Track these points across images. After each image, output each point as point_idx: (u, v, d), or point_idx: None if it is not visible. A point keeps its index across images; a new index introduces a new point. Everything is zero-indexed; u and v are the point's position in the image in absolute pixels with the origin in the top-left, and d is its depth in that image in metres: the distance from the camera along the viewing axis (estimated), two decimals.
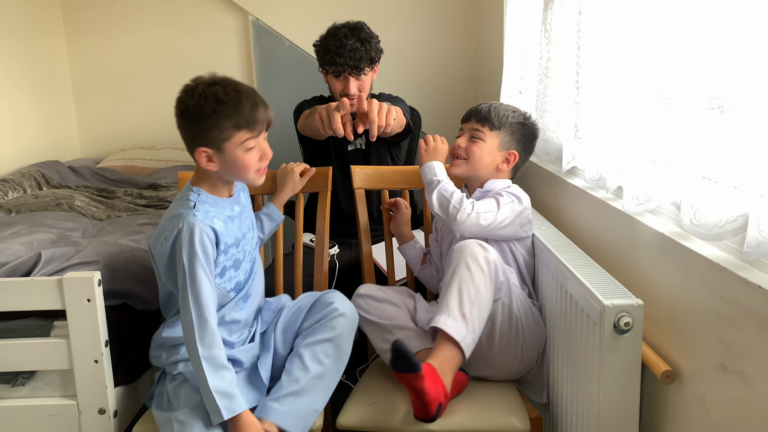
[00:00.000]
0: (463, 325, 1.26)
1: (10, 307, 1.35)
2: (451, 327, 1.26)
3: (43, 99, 2.98)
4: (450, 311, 1.27)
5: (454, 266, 1.32)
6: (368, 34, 1.91)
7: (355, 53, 1.86)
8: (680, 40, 1.10)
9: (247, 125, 1.26)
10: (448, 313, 1.27)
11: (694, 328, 1.07)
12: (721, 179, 1.02)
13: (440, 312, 1.29)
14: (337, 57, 1.86)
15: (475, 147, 1.53)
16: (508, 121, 1.53)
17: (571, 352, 1.26)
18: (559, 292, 1.32)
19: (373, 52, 1.91)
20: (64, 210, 2.08)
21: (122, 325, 1.45)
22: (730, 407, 0.98)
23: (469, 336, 1.27)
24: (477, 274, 1.29)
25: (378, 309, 1.50)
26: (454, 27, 3.14)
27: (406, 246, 1.72)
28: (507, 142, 1.53)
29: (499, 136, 1.53)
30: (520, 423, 1.31)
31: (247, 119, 1.26)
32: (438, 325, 1.27)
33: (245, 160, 1.29)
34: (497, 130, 1.53)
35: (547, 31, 1.78)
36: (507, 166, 1.54)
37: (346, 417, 1.35)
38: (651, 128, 1.22)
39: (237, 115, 1.25)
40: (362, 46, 1.87)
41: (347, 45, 1.85)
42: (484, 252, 1.32)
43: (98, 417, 1.38)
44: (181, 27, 3.19)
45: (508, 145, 1.54)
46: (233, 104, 1.25)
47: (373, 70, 1.96)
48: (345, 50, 1.85)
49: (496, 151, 1.53)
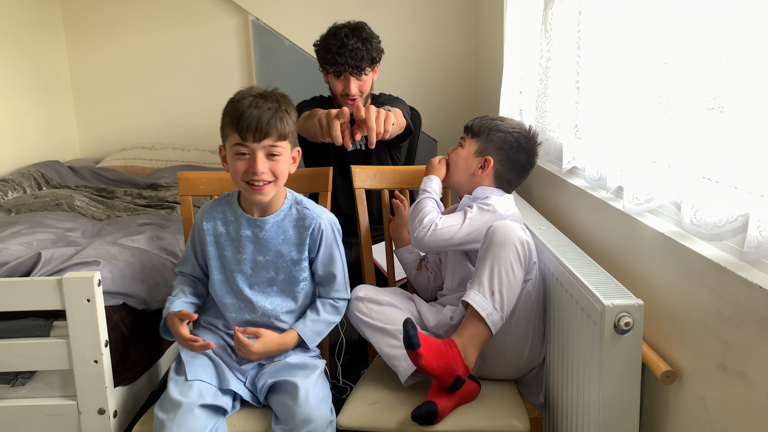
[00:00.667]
0: (490, 302, 1.29)
1: (10, 307, 1.35)
2: (480, 303, 1.29)
3: (43, 99, 2.98)
4: (481, 287, 1.30)
5: (489, 243, 1.32)
6: (369, 34, 1.91)
7: (356, 53, 1.86)
8: (680, 40, 1.10)
9: (239, 129, 1.26)
10: (478, 289, 1.30)
11: (695, 328, 1.07)
12: (721, 179, 1.02)
13: (471, 287, 1.32)
14: (338, 57, 1.86)
15: (453, 154, 1.58)
16: (488, 128, 1.53)
17: (571, 352, 1.26)
18: (559, 292, 1.32)
19: (374, 52, 1.91)
20: (63, 210, 2.08)
21: (122, 325, 1.45)
22: (730, 407, 0.98)
23: (496, 314, 1.29)
24: (512, 254, 1.30)
25: (380, 313, 1.47)
26: (454, 27, 3.14)
27: (403, 250, 1.71)
28: (484, 148, 1.53)
29: (477, 143, 1.54)
30: (520, 423, 1.31)
31: (240, 122, 1.26)
32: (467, 300, 1.30)
33: (235, 165, 1.29)
34: (476, 137, 1.54)
35: (547, 31, 1.78)
36: (482, 171, 1.53)
37: (346, 417, 1.35)
38: (651, 128, 1.22)
39: (237, 116, 1.26)
40: (363, 46, 1.87)
41: (348, 45, 1.85)
42: (521, 233, 1.32)
43: (98, 417, 1.38)
44: (181, 27, 3.19)
45: (484, 151, 1.53)
46: (240, 104, 1.27)
47: (373, 71, 1.97)
48: (346, 50, 1.85)
49: (472, 158, 1.54)
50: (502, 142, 1.52)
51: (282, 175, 1.32)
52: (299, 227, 1.40)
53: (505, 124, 1.54)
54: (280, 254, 1.40)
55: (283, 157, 1.31)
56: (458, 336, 1.31)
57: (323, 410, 1.29)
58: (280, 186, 1.36)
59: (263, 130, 1.26)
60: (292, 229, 1.40)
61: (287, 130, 1.30)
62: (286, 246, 1.40)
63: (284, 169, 1.33)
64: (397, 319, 1.44)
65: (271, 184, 1.31)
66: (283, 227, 1.40)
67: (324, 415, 1.27)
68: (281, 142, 1.30)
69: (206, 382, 1.31)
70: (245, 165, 1.28)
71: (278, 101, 1.31)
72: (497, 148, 1.52)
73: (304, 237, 1.40)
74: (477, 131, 1.54)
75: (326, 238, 1.42)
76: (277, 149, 1.29)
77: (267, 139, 1.27)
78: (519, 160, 1.53)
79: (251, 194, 1.31)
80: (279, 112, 1.28)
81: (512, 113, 2.33)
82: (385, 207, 1.76)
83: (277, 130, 1.27)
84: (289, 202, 1.42)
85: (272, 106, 1.28)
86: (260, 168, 1.27)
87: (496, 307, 1.29)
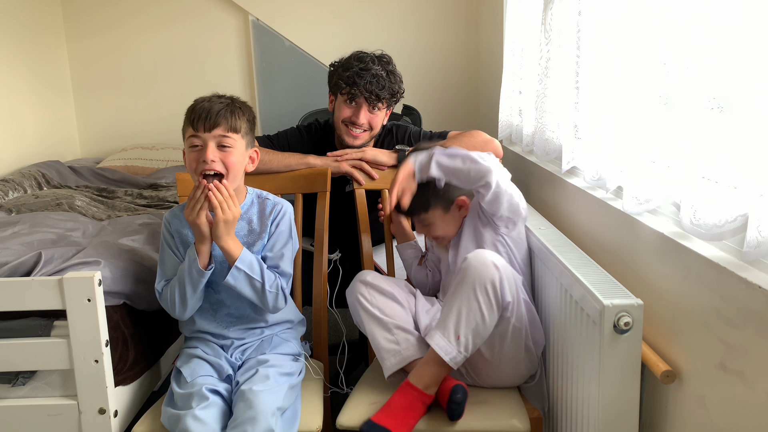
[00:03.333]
0: (455, 346, 1.29)
1: (10, 307, 1.35)
2: (444, 347, 1.29)
3: (44, 99, 2.98)
4: (446, 331, 1.29)
5: (461, 281, 1.30)
6: (395, 69, 1.83)
7: (379, 80, 1.76)
8: (680, 40, 1.10)
9: (191, 120, 1.33)
10: (443, 333, 1.30)
11: (694, 328, 1.07)
12: (721, 179, 1.02)
13: (436, 328, 1.31)
14: (358, 78, 1.75)
15: (435, 232, 1.55)
16: (432, 197, 1.51)
17: (571, 352, 1.26)
18: (559, 292, 1.32)
19: (396, 87, 1.81)
20: (64, 210, 2.08)
21: (122, 325, 1.45)
22: (730, 407, 0.98)
23: (460, 355, 1.29)
24: (482, 300, 1.28)
25: (381, 302, 1.46)
26: (454, 27, 3.14)
27: (404, 245, 1.71)
28: (446, 204, 1.52)
29: (438, 207, 1.52)
30: (521, 423, 1.31)
31: (192, 114, 1.33)
32: (431, 343, 1.30)
33: (189, 156, 1.35)
34: (432, 208, 1.52)
35: (547, 31, 1.78)
36: (465, 210, 1.54)
37: (346, 417, 1.35)
38: (651, 128, 1.22)
39: (191, 110, 1.35)
40: (387, 77, 1.78)
41: (372, 69, 1.76)
42: (493, 273, 1.28)
43: (98, 417, 1.38)
44: (181, 27, 3.19)
45: (449, 204, 1.53)
46: (195, 103, 1.35)
47: (387, 110, 1.86)
48: (368, 73, 1.75)
49: (450, 216, 1.54)
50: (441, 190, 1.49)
51: (234, 168, 1.35)
52: (262, 215, 1.45)
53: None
54: (249, 247, 1.42)
55: (235, 150, 1.35)
56: (419, 377, 1.31)
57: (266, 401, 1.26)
58: (234, 181, 1.37)
59: (212, 119, 1.32)
60: (257, 219, 1.45)
61: (238, 125, 1.35)
62: (251, 237, 1.44)
63: (236, 162, 1.36)
64: (395, 314, 1.45)
65: (223, 175, 1.35)
66: (247, 219, 1.45)
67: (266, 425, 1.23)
68: (233, 134, 1.35)
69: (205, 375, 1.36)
70: (198, 155, 1.33)
71: (232, 99, 1.38)
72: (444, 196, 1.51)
73: (267, 223, 1.44)
74: (428, 205, 1.51)
75: (283, 222, 1.45)
76: (228, 140, 1.34)
77: (217, 128, 1.33)
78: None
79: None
80: (230, 107, 1.35)
81: (512, 113, 2.33)
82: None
83: (227, 120, 1.33)
84: (251, 197, 1.47)
85: (225, 101, 1.36)
86: (210, 156, 1.32)
87: (461, 350, 1.28)
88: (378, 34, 1.94)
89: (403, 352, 1.39)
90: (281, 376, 1.35)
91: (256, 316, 1.47)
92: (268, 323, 1.48)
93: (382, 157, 1.79)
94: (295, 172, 1.74)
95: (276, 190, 1.72)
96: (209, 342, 1.46)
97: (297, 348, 1.50)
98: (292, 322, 1.55)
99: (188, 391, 1.31)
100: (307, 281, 1.72)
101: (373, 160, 1.78)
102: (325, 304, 1.68)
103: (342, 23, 3.07)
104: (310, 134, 1.94)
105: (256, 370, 1.34)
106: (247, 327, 1.47)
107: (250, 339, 1.47)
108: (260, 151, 1.55)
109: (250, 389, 1.27)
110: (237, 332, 1.46)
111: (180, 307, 1.39)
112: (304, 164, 1.75)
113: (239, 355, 1.44)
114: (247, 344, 1.46)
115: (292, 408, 1.34)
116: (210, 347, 1.45)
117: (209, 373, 1.38)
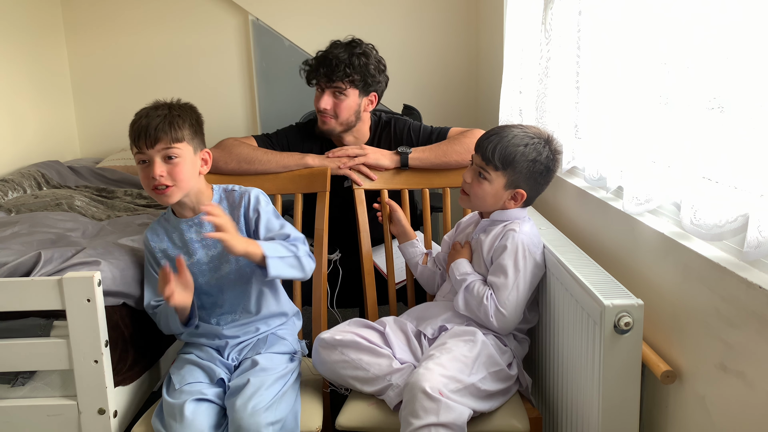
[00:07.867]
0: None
1: (10, 307, 1.35)
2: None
3: (43, 99, 2.98)
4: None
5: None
6: (363, 52, 1.76)
7: (332, 61, 1.72)
8: (680, 40, 1.10)
9: (134, 139, 1.35)
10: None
11: (694, 328, 1.07)
12: (721, 179, 1.02)
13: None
14: (316, 62, 1.77)
15: (479, 188, 1.44)
16: (515, 160, 1.39)
17: (572, 352, 1.26)
18: (559, 291, 1.32)
19: (358, 68, 1.74)
20: (63, 210, 2.08)
21: (122, 325, 1.45)
22: (730, 407, 0.98)
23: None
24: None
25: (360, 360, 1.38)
26: (454, 27, 3.14)
27: (406, 244, 1.71)
28: (514, 181, 1.42)
29: (504, 176, 1.41)
30: (520, 423, 1.31)
31: (133, 133, 1.35)
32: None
33: (141, 174, 1.38)
34: (502, 170, 1.41)
35: (547, 31, 1.78)
36: (514, 203, 1.45)
37: (346, 417, 1.35)
38: (651, 128, 1.22)
39: (131, 129, 1.36)
40: (348, 59, 1.73)
41: (331, 53, 1.74)
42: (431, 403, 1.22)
43: (98, 417, 1.38)
44: (181, 27, 3.19)
45: (514, 183, 1.42)
46: (134, 119, 1.37)
47: (363, 96, 1.80)
48: (326, 57, 1.74)
49: (502, 191, 1.43)
50: (530, 171, 1.41)
51: (182, 178, 1.36)
52: (232, 207, 1.45)
53: (529, 148, 1.39)
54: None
55: (182, 159, 1.36)
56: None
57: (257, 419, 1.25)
58: (186, 188, 1.38)
59: (152, 135, 1.33)
60: (228, 212, 1.44)
61: (180, 134, 1.36)
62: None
63: (185, 171, 1.37)
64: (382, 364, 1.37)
65: (174, 187, 1.36)
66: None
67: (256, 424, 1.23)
68: (177, 144, 1.35)
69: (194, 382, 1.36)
70: (147, 172, 1.35)
71: (169, 108, 1.39)
72: (527, 177, 1.41)
73: (238, 215, 1.44)
74: (502, 163, 1.40)
75: (260, 204, 1.45)
76: (174, 151, 1.35)
77: (159, 143, 1.34)
78: (548, 181, 1.46)
79: (159, 199, 1.38)
80: (168, 117, 1.36)
81: (512, 113, 2.33)
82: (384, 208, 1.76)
83: (167, 134, 1.34)
84: (218, 194, 1.48)
85: (162, 113, 1.36)
86: (157, 171, 1.34)
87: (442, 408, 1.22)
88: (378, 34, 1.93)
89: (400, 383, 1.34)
90: (275, 382, 1.34)
91: (249, 312, 1.47)
92: (262, 317, 1.48)
93: (384, 161, 1.78)
94: (294, 172, 1.74)
95: (276, 190, 1.73)
96: (203, 346, 1.47)
97: (293, 346, 1.50)
98: (286, 314, 1.54)
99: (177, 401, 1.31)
100: (306, 281, 1.72)
101: (376, 164, 1.77)
102: (324, 304, 1.68)
103: (342, 23, 3.06)
104: (308, 130, 1.92)
105: (248, 380, 1.32)
106: (241, 323, 1.47)
107: (246, 337, 1.47)
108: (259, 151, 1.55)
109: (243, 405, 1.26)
110: (232, 330, 1.46)
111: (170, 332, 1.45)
112: (302, 165, 1.75)
113: (235, 355, 1.45)
114: (243, 343, 1.46)
115: (291, 413, 1.32)
116: (204, 351, 1.45)
117: (199, 378, 1.38)
